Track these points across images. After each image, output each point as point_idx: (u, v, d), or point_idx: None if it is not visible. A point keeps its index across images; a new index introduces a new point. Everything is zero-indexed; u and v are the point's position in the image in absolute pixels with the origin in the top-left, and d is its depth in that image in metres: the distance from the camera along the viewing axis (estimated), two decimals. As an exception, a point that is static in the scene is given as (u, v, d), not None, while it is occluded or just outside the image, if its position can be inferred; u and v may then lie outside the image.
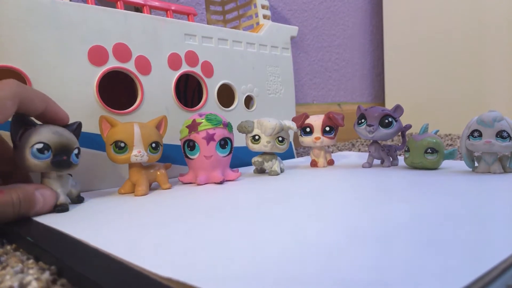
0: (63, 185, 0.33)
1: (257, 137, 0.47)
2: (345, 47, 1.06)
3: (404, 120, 0.50)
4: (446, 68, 0.97)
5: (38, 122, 0.33)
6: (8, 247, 0.27)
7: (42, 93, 0.33)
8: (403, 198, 0.33)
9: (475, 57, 0.92)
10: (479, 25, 0.91)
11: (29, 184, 0.31)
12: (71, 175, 0.36)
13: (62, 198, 0.33)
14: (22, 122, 0.31)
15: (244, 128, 0.47)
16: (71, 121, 0.35)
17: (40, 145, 0.30)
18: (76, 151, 0.33)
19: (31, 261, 0.24)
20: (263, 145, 0.46)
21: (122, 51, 0.44)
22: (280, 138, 0.47)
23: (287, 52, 0.66)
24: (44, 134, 0.31)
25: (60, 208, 0.32)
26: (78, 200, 0.36)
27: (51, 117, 0.33)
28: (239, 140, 0.52)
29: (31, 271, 0.22)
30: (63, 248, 0.24)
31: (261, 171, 0.50)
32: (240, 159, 0.55)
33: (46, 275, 0.21)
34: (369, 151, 0.52)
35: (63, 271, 0.22)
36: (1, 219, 0.29)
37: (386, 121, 0.48)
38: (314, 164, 0.54)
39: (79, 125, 0.35)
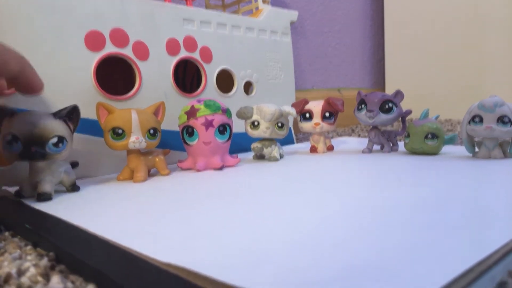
0: (52, 173, 0.33)
1: (256, 123, 0.46)
2: (345, 32, 1.05)
3: (404, 105, 0.49)
4: (446, 54, 0.96)
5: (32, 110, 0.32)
6: (6, 233, 0.27)
7: (20, 55, 0.30)
8: (403, 184, 0.32)
9: (476, 43, 0.91)
10: (480, 11, 0.90)
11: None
12: (75, 164, 0.36)
13: (46, 187, 0.32)
14: (3, 112, 0.31)
15: (243, 114, 0.46)
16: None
17: (9, 137, 0.30)
18: (54, 140, 0.31)
19: (29, 247, 0.24)
20: (262, 131, 0.46)
21: (119, 36, 0.44)
22: (279, 124, 0.46)
23: (286, 37, 0.65)
24: (15, 125, 0.30)
25: (42, 197, 0.31)
26: (73, 189, 0.35)
27: (24, 84, 0.30)
28: (238, 126, 0.51)
29: (29, 257, 0.22)
30: (61, 235, 0.24)
31: (260, 157, 0.49)
32: (239, 145, 0.55)
33: (44, 261, 0.21)
34: (369, 137, 0.51)
35: (61, 257, 0.21)
36: None
37: (387, 106, 0.48)
38: (313, 149, 0.53)
39: (72, 109, 0.33)
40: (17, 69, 0.29)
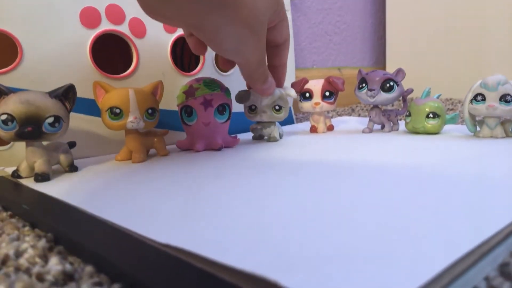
0: (49, 153, 0.33)
1: (253, 107, 0.46)
2: (346, 9, 1.03)
3: (405, 84, 0.49)
4: (448, 32, 0.94)
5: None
6: (4, 214, 0.27)
7: None
8: (404, 164, 0.32)
9: (478, 21, 0.89)
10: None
11: None
12: (72, 144, 0.36)
13: (43, 167, 0.32)
14: None
15: (241, 99, 0.46)
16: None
17: (4, 116, 0.30)
18: (50, 120, 0.31)
19: (27, 228, 0.24)
20: (259, 115, 0.45)
21: (115, 13, 0.43)
22: (277, 107, 0.45)
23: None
24: (10, 104, 0.30)
25: (40, 177, 0.31)
26: (70, 169, 0.35)
27: None
28: (238, 106, 0.51)
29: (27, 239, 0.22)
30: (59, 216, 0.24)
31: (260, 137, 0.49)
32: (239, 125, 0.54)
33: (43, 243, 0.20)
34: (370, 116, 0.51)
35: (59, 238, 0.21)
36: None
37: (388, 85, 0.47)
38: (313, 129, 0.53)
39: (68, 88, 0.33)
40: None
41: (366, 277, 0.14)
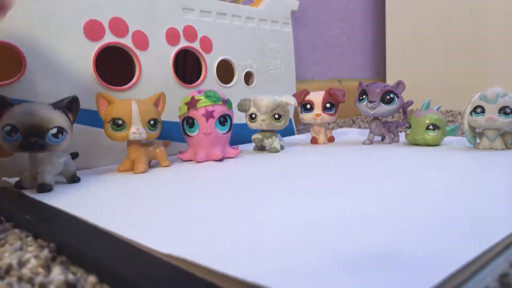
0: (52, 164, 0.33)
1: (253, 116, 0.46)
2: (346, 21, 1.04)
3: (405, 96, 0.49)
4: (448, 45, 0.95)
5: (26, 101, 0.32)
6: (7, 224, 0.27)
7: None
8: (405, 175, 0.32)
9: (479, 34, 0.90)
10: (482, 1, 0.89)
11: None
12: (75, 155, 0.36)
13: (46, 178, 0.32)
14: (3, 103, 0.31)
15: (242, 107, 0.46)
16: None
17: (8, 128, 0.30)
18: (54, 131, 0.31)
19: (30, 238, 0.24)
20: (259, 123, 0.46)
21: (118, 26, 0.43)
22: (276, 116, 0.46)
23: (287, 27, 0.64)
24: (14, 116, 0.30)
25: (43, 188, 0.31)
26: (73, 180, 0.35)
27: None
28: (239, 117, 0.51)
29: (30, 249, 0.22)
30: (62, 226, 0.24)
31: (261, 148, 0.49)
32: (240, 136, 0.55)
33: (45, 253, 0.21)
34: (370, 128, 0.51)
35: (62, 248, 0.21)
36: None
37: (388, 97, 0.47)
38: (314, 141, 0.53)
39: (71, 100, 0.33)
40: None
41: (364, 285, 0.14)
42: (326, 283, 0.14)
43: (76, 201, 0.28)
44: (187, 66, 0.63)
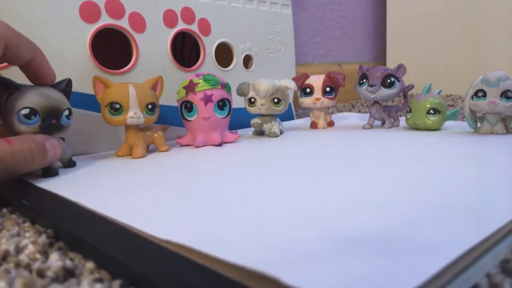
0: None
1: (252, 100, 0.46)
2: (346, 4, 1.03)
3: (405, 80, 0.48)
4: (448, 28, 0.94)
5: (27, 84, 0.32)
6: (4, 210, 0.27)
7: (32, 42, 0.30)
8: (405, 160, 0.32)
9: (479, 17, 0.89)
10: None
11: (38, 134, 0.30)
12: (63, 138, 0.36)
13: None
14: (6, 86, 0.30)
15: (241, 91, 0.46)
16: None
17: (27, 110, 0.29)
18: (66, 113, 0.31)
19: (27, 224, 0.24)
20: (258, 107, 0.45)
21: (115, 7, 0.42)
22: (275, 100, 0.45)
23: (287, 9, 0.63)
24: (30, 98, 0.29)
25: (49, 172, 0.31)
26: (69, 164, 0.34)
27: (36, 71, 0.30)
28: (238, 101, 0.51)
29: (27, 234, 0.21)
30: (59, 211, 0.24)
31: (260, 133, 0.49)
32: (239, 120, 0.54)
33: (43, 239, 0.20)
34: (370, 112, 0.51)
35: (60, 234, 0.21)
36: (12, 171, 0.27)
37: (388, 81, 0.47)
38: (314, 125, 0.53)
39: (68, 82, 0.33)
40: (29, 55, 0.29)
41: (366, 273, 0.14)
42: (326, 267, 0.14)
43: (74, 186, 0.28)
44: (185, 49, 0.62)
